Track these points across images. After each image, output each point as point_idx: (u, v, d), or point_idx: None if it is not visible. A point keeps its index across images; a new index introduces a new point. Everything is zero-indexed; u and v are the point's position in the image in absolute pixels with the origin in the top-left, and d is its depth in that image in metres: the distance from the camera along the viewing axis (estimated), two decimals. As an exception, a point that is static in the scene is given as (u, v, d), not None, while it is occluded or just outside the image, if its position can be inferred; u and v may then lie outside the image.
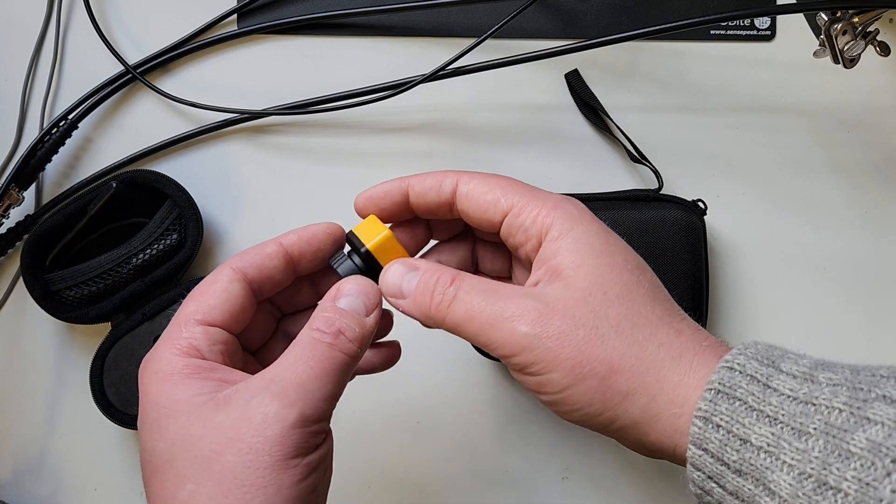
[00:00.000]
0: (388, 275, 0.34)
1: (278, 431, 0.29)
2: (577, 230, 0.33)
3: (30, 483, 0.51)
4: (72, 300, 0.48)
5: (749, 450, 0.28)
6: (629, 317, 0.31)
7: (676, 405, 0.30)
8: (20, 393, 0.51)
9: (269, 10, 0.52)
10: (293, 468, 0.29)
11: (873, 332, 0.51)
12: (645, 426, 0.31)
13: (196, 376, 0.31)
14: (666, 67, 0.51)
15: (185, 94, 0.50)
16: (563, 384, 0.31)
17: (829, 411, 0.26)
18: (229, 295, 0.33)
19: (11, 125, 0.51)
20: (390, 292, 0.34)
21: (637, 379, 0.30)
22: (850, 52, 0.44)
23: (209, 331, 0.33)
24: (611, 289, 0.32)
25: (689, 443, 0.29)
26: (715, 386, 0.29)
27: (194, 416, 0.30)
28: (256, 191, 0.52)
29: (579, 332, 0.31)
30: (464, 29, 0.51)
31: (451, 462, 0.51)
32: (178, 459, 0.30)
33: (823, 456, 0.26)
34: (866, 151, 0.51)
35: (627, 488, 0.50)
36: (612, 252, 0.33)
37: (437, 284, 0.33)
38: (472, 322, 0.32)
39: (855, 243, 0.51)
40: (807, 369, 0.28)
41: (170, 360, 0.32)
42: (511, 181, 0.35)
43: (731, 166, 0.51)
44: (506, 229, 0.34)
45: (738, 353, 0.30)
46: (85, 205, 0.48)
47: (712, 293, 0.51)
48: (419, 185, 0.35)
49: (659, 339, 0.31)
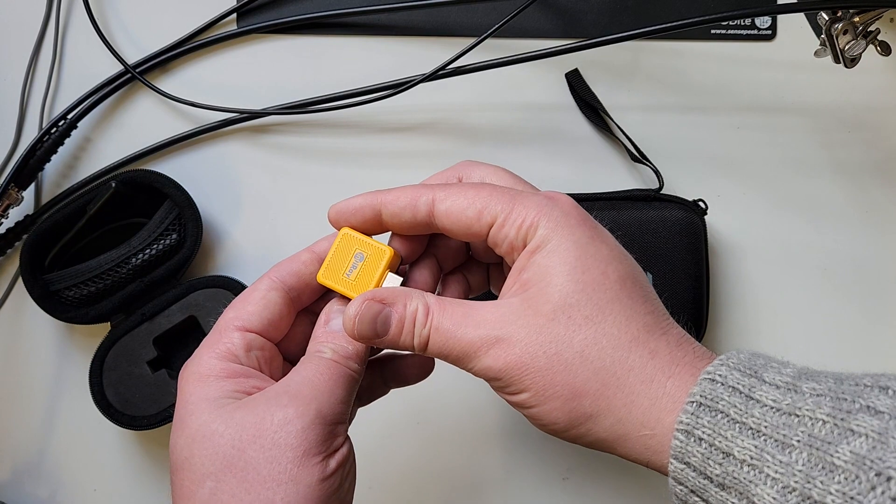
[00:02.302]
0: (356, 320, 0.32)
1: (299, 427, 0.30)
2: (555, 241, 0.31)
3: (29, 483, 0.51)
4: (71, 300, 0.48)
5: (732, 463, 0.27)
6: (597, 340, 0.30)
7: (647, 427, 0.30)
8: (19, 393, 0.51)
9: (268, 9, 0.52)
10: (314, 465, 0.30)
11: (874, 332, 0.51)
12: (612, 443, 0.30)
13: (230, 379, 0.32)
14: (666, 67, 0.51)
15: (184, 94, 0.50)
16: (531, 403, 0.31)
17: (812, 423, 0.26)
18: (267, 302, 0.34)
19: (11, 125, 0.51)
20: (367, 337, 0.33)
21: (602, 402, 0.30)
22: (851, 52, 0.44)
23: (247, 336, 0.34)
24: (577, 311, 0.31)
25: (671, 457, 0.29)
26: (697, 399, 0.28)
27: (215, 415, 0.31)
28: (256, 191, 0.52)
29: (540, 361, 0.30)
30: (464, 29, 0.51)
31: (452, 462, 0.50)
32: (196, 457, 0.30)
33: (807, 469, 0.25)
34: (867, 151, 0.51)
35: (628, 489, 0.50)
36: (587, 266, 0.31)
37: (414, 324, 0.32)
38: (449, 356, 0.32)
39: (856, 243, 0.51)
40: (790, 379, 0.28)
41: (207, 363, 0.33)
42: (490, 188, 0.33)
43: (731, 166, 0.51)
44: (492, 241, 0.33)
45: (721, 363, 0.29)
46: (84, 205, 0.48)
47: (713, 293, 0.50)
48: (392, 204, 0.34)
49: (629, 363, 0.30)
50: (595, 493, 0.50)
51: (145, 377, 0.48)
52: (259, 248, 0.51)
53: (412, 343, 0.33)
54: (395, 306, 0.33)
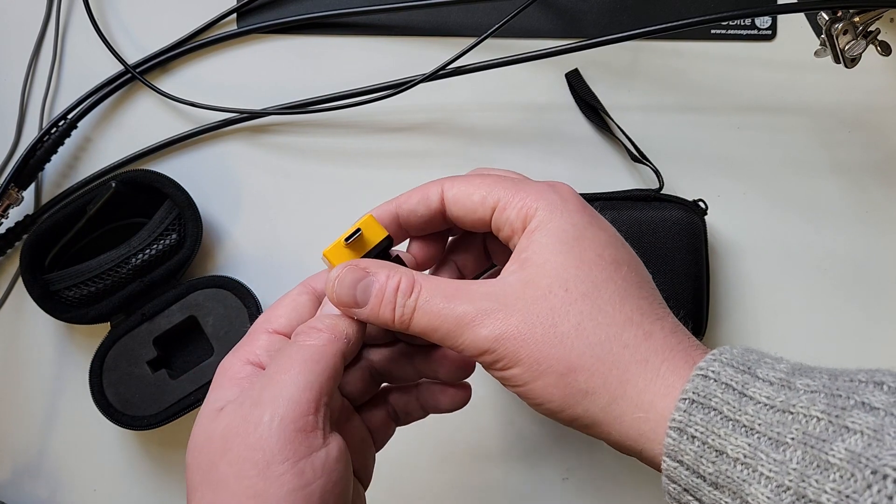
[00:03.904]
0: (335, 282, 0.32)
1: (259, 437, 0.29)
2: (554, 223, 0.32)
3: (29, 483, 0.51)
4: (71, 300, 0.48)
5: (725, 462, 0.27)
6: (593, 315, 0.30)
7: (641, 410, 0.29)
8: (19, 393, 0.51)
9: (268, 9, 0.52)
10: (282, 476, 0.28)
11: (873, 332, 0.51)
12: (607, 426, 0.30)
13: (245, 381, 0.32)
14: (666, 67, 0.51)
15: (184, 94, 0.50)
16: (523, 379, 0.30)
17: (806, 420, 0.25)
18: (296, 304, 0.34)
19: (11, 125, 0.51)
20: (344, 302, 0.32)
21: (598, 379, 0.30)
22: (851, 52, 0.44)
23: (272, 338, 0.33)
24: (575, 286, 0.31)
25: (664, 454, 0.28)
26: (689, 395, 0.28)
27: (206, 423, 0.31)
28: (256, 190, 0.52)
29: (536, 331, 0.30)
30: (464, 29, 0.51)
31: (452, 463, 0.50)
32: (190, 467, 0.30)
33: (802, 467, 0.25)
34: (867, 151, 0.51)
35: (628, 489, 0.50)
36: (584, 247, 0.32)
37: (397, 294, 0.32)
38: (437, 330, 0.31)
39: (855, 243, 0.51)
40: (784, 375, 0.27)
41: (232, 364, 0.33)
42: (496, 177, 0.34)
43: (731, 166, 0.51)
44: (495, 225, 0.34)
45: (713, 359, 0.29)
46: (84, 205, 0.48)
47: (713, 293, 0.50)
48: (406, 203, 0.35)
49: (624, 340, 0.30)
50: (594, 494, 0.50)
51: (145, 377, 0.48)
52: (259, 248, 0.51)
53: (392, 316, 0.32)
54: (377, 275, 0.32)
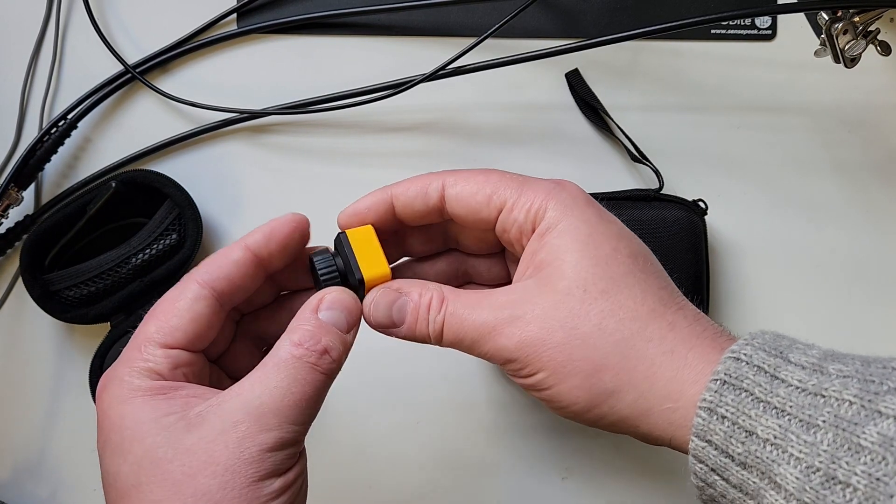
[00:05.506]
0: (370, 307, 0.33)
1: (255, 454, 0.29)
2: (566, 222, 0.32)
3: (29, 483, 0.51)
4: (71, 300, 0.48)
5: (755, 442, 0.27)
6: (614, 312, 0.30)
7: (671, 400, 0.29)
8: (20, 393, 0.51)
9: (268, 9, 0.52)
10: (267, 488, 0.29)
11: (874, 332, 0.51)
12: (635, 420, 0.30)
13: (160, 396, 0.30)
14: (666, 67, 0.51)
15: (184, 94, 0.50)
16: (548, 383, 0.31)
17: (838, 403, 0.26)
18: (195, 315, 0.32)
19: (10, 125, 0.51)
20: (382, 324, 0.33)
21: (624, 376, 0.30)
22: (851, 52, 0.44)
23: (171, 354, 0.31)
24: (593, 285, 0.31)
25: (692, 434, 0.29)
26: (721, 377, 0.28)
27: (162, 438, 0.29)
28: (256, 190, 0.52)
29: (557, 335, 0.30)
30: (464, 29, 0.51)
31: (452, 462, 0.50)
32: (145, 484, 0.29)
33: (832, 449, 0.25)
34: (867, 150, 0.51)
35: (627, 489, 0.50)
36: (599, 243, 0.32)
37: (429, 311, 0.32)
38: (462, 341, 0.32)
39: (856, 242, 0.51)
40: (816, 360, 0.28)
41: (130, 383, 0.30)
42: (500, 174, 0.34)
43: (731, 166, 0.51)
44: (500, 226, 0.33)
45: (745, 343, 0.29)
46: (84, 205, 0.48)
47: (713, 293, 0.50)
48: (403, 194, 0.34)
49: (648, 334, 0.30)
50: (594, 493, 0.50)
51: (145, 377, 0.48)
52: (259, 248, 0.51)
53: (427, 331, 0.32)
54: (410, 294, 0.33)
